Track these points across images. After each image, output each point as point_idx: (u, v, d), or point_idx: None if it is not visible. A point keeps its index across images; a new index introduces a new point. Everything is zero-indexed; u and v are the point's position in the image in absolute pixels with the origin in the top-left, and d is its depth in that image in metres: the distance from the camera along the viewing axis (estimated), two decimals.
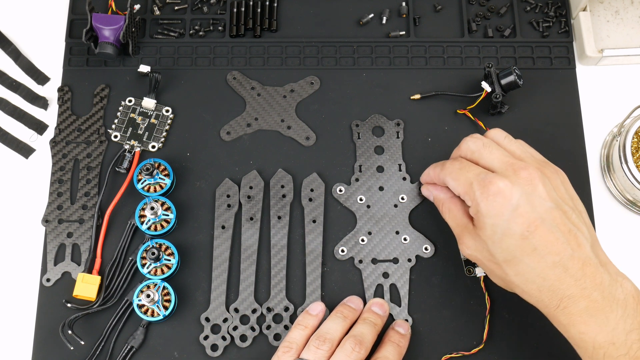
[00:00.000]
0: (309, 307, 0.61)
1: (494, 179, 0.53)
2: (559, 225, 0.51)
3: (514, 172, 0.53)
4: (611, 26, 0.72)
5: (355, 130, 0.67)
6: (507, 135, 0.58)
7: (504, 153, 0.56)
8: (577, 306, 0.50)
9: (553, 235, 0.51)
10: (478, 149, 0.57)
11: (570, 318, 0.51)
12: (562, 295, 0.51)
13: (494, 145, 0.56)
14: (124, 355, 0.60)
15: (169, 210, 0.63)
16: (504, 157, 0.55)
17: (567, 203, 0.54)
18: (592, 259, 0.51)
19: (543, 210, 0.51)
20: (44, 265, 0.63)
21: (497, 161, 0.55)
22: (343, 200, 0.65)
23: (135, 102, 0.68)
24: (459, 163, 0.57)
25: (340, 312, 0.59)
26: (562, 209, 0.52)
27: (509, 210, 0.51)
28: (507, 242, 0.52)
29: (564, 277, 0.50)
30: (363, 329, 0.58)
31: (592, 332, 0.50)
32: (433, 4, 0.72)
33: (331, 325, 0.58)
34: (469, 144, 0.57)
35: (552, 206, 0.52)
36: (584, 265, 0.50)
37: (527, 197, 0.52)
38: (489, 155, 0.56)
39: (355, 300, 0.61)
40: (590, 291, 0.50)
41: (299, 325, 0.59)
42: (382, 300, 0.61)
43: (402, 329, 0.60)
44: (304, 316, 0.60)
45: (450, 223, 0.59)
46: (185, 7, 0.72)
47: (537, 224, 0.51)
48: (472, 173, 0.55)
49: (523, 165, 0.53)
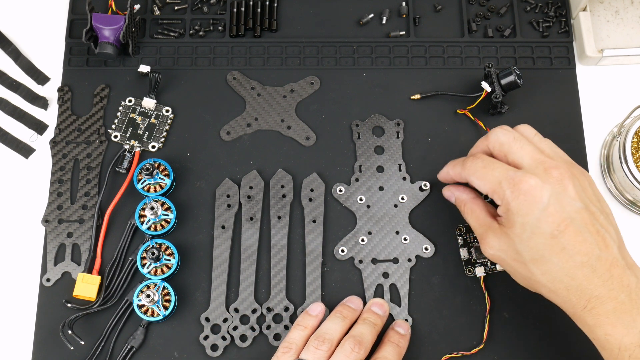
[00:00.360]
0: (309, 308, 0.60)
1: (524, 177, 0.52)
2: (588, 226, 0.51)
3: (545, 171, 0.52)
4: (611, 26, 0.72)
5: (355, 130, 0.67)
6: (536, 132, 0.57)
7: (535, 149, 0.55)
8: (604, 307, 0.50)
9: (582, 236, 0.51)
10: (508, 141, 0.55)
11: (597, 319, 0.50)
12: (589, 295, 0.50)
13: (525, 140, 0.55)
14: (124, 355, 0.60)
15: (169, 210, 0.63)
16: (535, 154, 0.54)
17: (594, 204, 0.53)
18: (620, 260, 0.51)
19: (572, 210, 0.51)
20: (44, 265, 0.63)
21: (527, 157, 0.54)
22: (343, 200, 0.65)
23: (135, 102, 0.68)
24: (481, 161, 0.56)
25: (340, 312, 0.59)
26: (590, 210, 0.52)
27: (539, 208, 0.51)
28: (536, 240, 0.51)
29: (591, 277, 0.50)
30: (362, 329, 0.58)
31: (619, 334, 0.49)
32: (433, 4, 0.72)
33: (330, 326, 0.58)
34: (499, 135, 0.56)
35: (581, 206, 0.51)
36: (612, 267, 0.50)
37: (557, 197, 0.51)
38: (519, 150, 0.55)
39: (354, 300, 0.61)
40: (617, 292, 0.50)
41: (299, 326, 0.59)
42: (382, 301, 0.61)
43: (401, 329, 0.60)
44: (303, 317, 0.60)
45: (472, 223, 0.58)
46: (185, 7, 0.72)
47: (567, 224, 0.51)
48: (498, 171, 0.54)
49: (554, 164, 0.53)
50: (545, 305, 0.62)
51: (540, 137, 0.57)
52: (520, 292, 0.63)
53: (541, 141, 0.57)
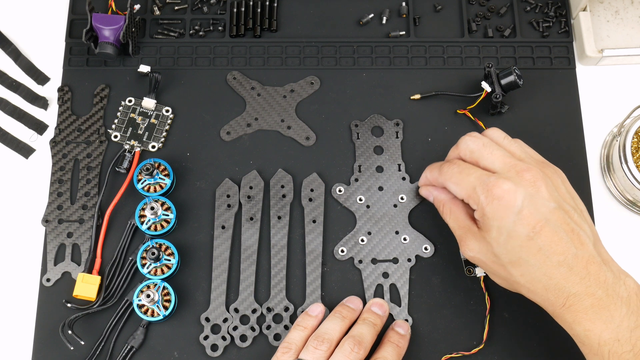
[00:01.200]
0: (309, 308, 0.61)
1: (497, 181, 0.53)
2: (562, 225, 0.51)
3: (517, 174, 0.53)
4: (611, 26, 0.72)
5: (355, 130, 0.67)
6: (506, 135, 0.58)
7: (505, 153, 0.55)
8: (582, 304, 0.50)
9: (557, 235, 0.51)
10: (478, 148, 0.56)
11: (576, 316, 0.51)
12: (567, 293, 0.51)
13: (494, 145, 0.56)
14: (124, 355, 0.60)
15: (169, 210, 0.63)
16: (506, 158, 0.55)
17: (568, 203, 0.54)
18: (595, 257, 0.51)
19: (547, 211, 0.51)
20: (44, 265, 0.63)
21: (498, 162, 0.55)
22: (343, 201, 0.65)
23: (135, 102, 0.68)
24: (457, 166, 0.57)
25: (339, 312, 0.59)
26: (565, 209, 0.53)
27: (514, 212, 0.52)
28: (513, 243, 0.52)
29: (569, 276, 0.51)
30: (362, 329, 0.58)
31: (598, 329, 0.50)
32: (433, 4, 0.72)
33: (330, 326, 0.58)
34: (468, 143, 0.57)
35: (555, 206, 0.52)
36: (588, 264, 0.51)
37: (530, 199, 0.52)
38: (489, 155, 0.55)
39: (354, 300, 0.61)
40: (594, 289, 0.50)
41: (298, 326, 0.59)
42: (382, 301, 0.61)
43: (401, 330, 0.60)
44: (303, 317, 0.60)
45: (451, 225, 0.58)
46: (185, 7, 0.72)
47: (542, 225, 0.51)
48: (473, 176, 0.55)
49: (526, 166, 0.53)
50: None
51: (509, 140, 0.58)
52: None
53: (511, 144, 0.57)
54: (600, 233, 0.65)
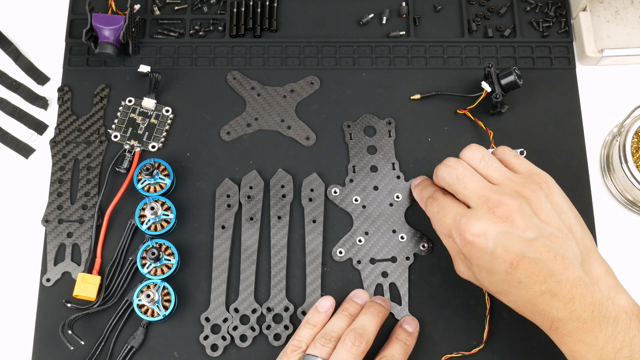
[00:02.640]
0: (318, 304, 0.60)
1: (467, 224, 0.52)
2: (542, 254, 0.51)
3: (489, 210, 0.52)
4: (611, 26, 0.72)
5: (347, 131, 0.67)
6: (483, 155, 0.56)
7: (479, 184, 0.54)
8: (566, 328, 0.51)
9: (537, 267, 0.51)
10: (453, 182, 0.56)
11: (562, 338, 0.52)
12: (552, 317, 0.51)
13: (467, 177, 0.55)
14: (124, 355, 0.60)
15: (169, 210, 0.63)
16: (479, 190, 0.54)
17: (551, 224, 0.52)
18: (582, 278, 0.51)
19: (523, 245, 0.51)
20: (44, 265, 0.63)
21: (472, 196, 0.54)
22: (338, 202, 0.65)
23: (135, 102, 0.68)
24: (437, 205, 0.57)
25: (346, 309, 0.60)
26: (546, 234, 0.51)
27: (487, 254, 0.52)
28: (494, 278, 0.53)
29: (552, 302, 0.51)
30: (365, 320, 0.58)
31: (582, 351, 0.51)
32: (433, 4, 0.72)
33: (337, 323, 0.58)
34: (443, 175, 0.57)
35: (533, 237, 0.51)
36: (573, 287, 0.50)
37: (504, 236, 0.51)
38: (463, 190, 0.55)
39: (361, 294, 0.61)
40: (579, 312, 0.50)
41: (308, 324, 0.59)
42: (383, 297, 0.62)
43: (409, 327, 0.60)
44: (312, 314, 0.60)
45: (447, 247, 0.58)
46: (185, 7, 0.72)
47: (518, 260, 0.51)
48: (449, 217, 0.55)
49: (498, 200, 0.52)
50: None
51: (486, 161, 0.56)
52: None
53: (488, 166, 0.56)
54: (600, 233, 0.65)
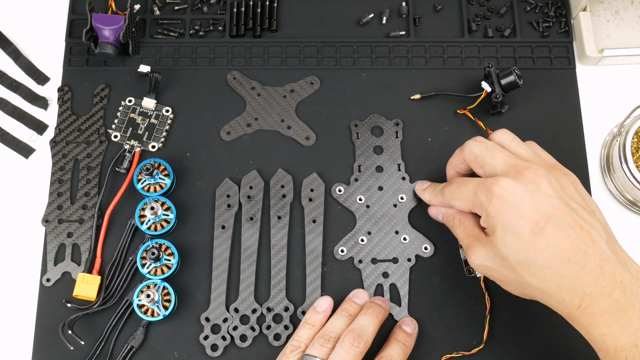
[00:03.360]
0: (317, 304, 0.60)
1: (495, 180, 0.52)
2: (569, 221, 0.50)
3: (517, 172, 0.53)
4: (611, 26, 0.72)
5: (354, 130, 0.67)
6: (514, 137, 0.57)
7: (507, 155, 0.55)
8: (598, 306, 0.49)
9: (564, 232, 0.50)
10: (481, 152, 0.56)
11: (592, 319, 0.49)
12: (582, 293, 0.49)
13: (497, 148, 0.56)
14: (124, 355, 0.60)
15: (169, 210, 0.63)
16: (507, 159, 0.54)
17: (576, 201, 0.52)
18: (610, 256, 0.50)
19: (550, 207, 0.51)
20: (44, 265, 0.63)
21: (500, 164, 0.54)
22: (342, 201, 0.65)
23: (135, 102, 0.68)
24: (455, 184, 0.57)
25: (346, 309, 0.60)
26: (571, 207, 0.51)
27: (514, 207, 0.51)
28: (519, 241, 0.51)
29: (581, 274, 0.49)
30: (363, 320, 0.58)
31: (615, 334, 0.48)
32: (433, 4, 0.72)
33: (336, 324, 0.58)
34: (472, 147, 0.57)
35: (559, 203, 0.51)
36: (602, 263, 0.49)
37: (531, 194, 0.51)
38: (491, 159, 0.55)
39: (361, 294, 0.61)
40: (610, 290, 0.48)
41: (307, 324, 0.59)
42: (383, 298, 0.62)
43: (408, 328, 0.60)
44: (311, 314, 0.60)
45: (460, 235, 0.58)
46: (185, 7, 0.72)
47: (546, 220, 0.50)
48: (472, 184, 0.55)
49: (526, 165, 0.53)
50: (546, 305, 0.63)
51: (517, 142, 0.57)
52: None
53: (518, 146, 0.57)
54: None
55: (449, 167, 0.62)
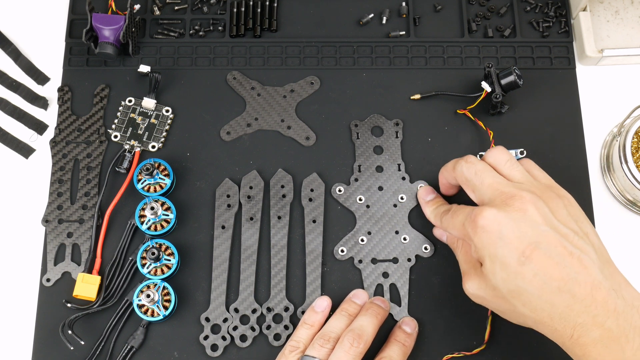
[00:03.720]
0: (315, 304, 0.60)
1: (480, 211, 0.51)
2: (557, 248, 0.49)
3: (503, 201, 0.51)
4: (611, 26, 0.72)
5: (354, 130, 0.67)
6: (509, 158, 0.56)
7: (496, 181, 0.53)
8: (590, 336, 0.47)
9: (552, 260, 0.48)
10: (471, 177, 0.55)
11: (584, 349, 0.48)
12: (574, 323, 0.48)
13: (486, 173, 0.54)
14: (124, 355, 0.60)
15: (169, 210, 0.63)
16: (496, 186, 0.53)
17: (568, 225, 0.51)
18: (602, 282, 0.48)
19: (536, 234, 0.49)
20: (44, 265, 0.63)
21: (488, 191, 0.53)
22: (342, 200, 0.65)
23: (135, 102, 0.68)
24: (450, 213, 0.57)
25: (345, 309, 0.59)
26: (561, 232, 0.50)
27: (498, 237, 0.50)
28: (507, 271, 0.50)
29: (572, 304, 0.48)
30: (363, 321, 0.57)
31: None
32: (433, 4, 0.72)
33: (336, 324, 0.58)
34: (463, 170, 0.56)
35: (547, 229, 0.49)
36: (593, 290, 0.47)
37: (515, 223, 0.50)
38: (480, 185, 0.54)
39: (360, 295, 0.61)
40: (603, 319, 0.47)
41: (305, 324, 0.59)
42: (382, 298, 0.62)
43: (408, 328, 0.60)
44: (309, 314, 0.60)
45: (460, 260, 0.58)
46: (185, 7, 0.72)
47: (532, 248, 0.49)
48: (462, 215, 0.54)
49: (513, 192, 0.51)
50: None
51: (511, 163, 0.56)
52: None
53: (512, 167, 0.55)
54: (600, 233, 0.65)
55: (441, 176, 0.62)
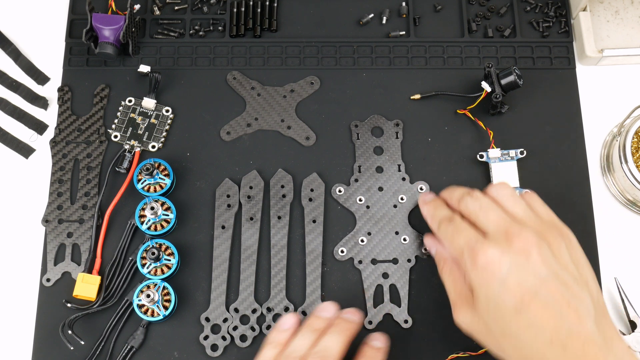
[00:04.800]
0: (280, 321, 0.57)
1: (483, 247, 0.50)
2: (556, 297, 0.48)
3: (507, 240, 0.50)
4: (611, 26, 0.72)
5: (355, 131, 0.67)
6: (512, 194, 0.55)
7: (501, 216, 0.53)
8: None
9: (549, 310, 0.47)
10: (475, 210, 0.54)
11: None
12: None
13: (491, 208, 0.54)
14: (124, 355, 0.60)
15: (169, 210, 0.63)
16: (500, 221, 0.52)
17: (568, 271, 0.50)
18: (595, 336, 0.47)
19: (536, 282, 0.48)
20: (44, 265, 0.63)
21: (492, 225, 0.52)
22: (342, 201, 0.65)
23: (135, 102, 0.68)
24: (452, 226, 0.55)
25: (310, 325, 0.56)
26: (561, 279, 0.49)
27: (498, 282, 0.49)
28: (502, 315, 0.49)
29: (562, 356, 0.46)
30: (329, 340, 0.54)
31: None
32: (433, 4, 0.72)
33: (300, 342, 0.54)
34: (467, 204, 0.55)
35: (548, 276, 0.48)
36: (585, 344, 0.46)
37: (518, 268, 0.49)
38: (485, 219, 0.53)
39: (327, 307, 0.58)
40: None
41: (270, 344, 0.56)
42: (355, 309, 0.58)
43: (378, 343, 0.57)
44: (274, 333, 0.56)
45: (447, 285, 0.56)
46: (185, 7, 0.72)
47: (531, 297, 0.48)
48: (463, 239, 0.52)
49: (517, 231, 0.50)
50: None
51: (514, 200, 0.55)
52: None
53: (515, 203, 0.54)
54: (600, 233, 0.65)
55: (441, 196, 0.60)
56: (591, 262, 0.64)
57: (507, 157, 0.66)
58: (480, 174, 0.66)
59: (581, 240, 0.64)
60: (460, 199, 0.56)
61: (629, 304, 0.62)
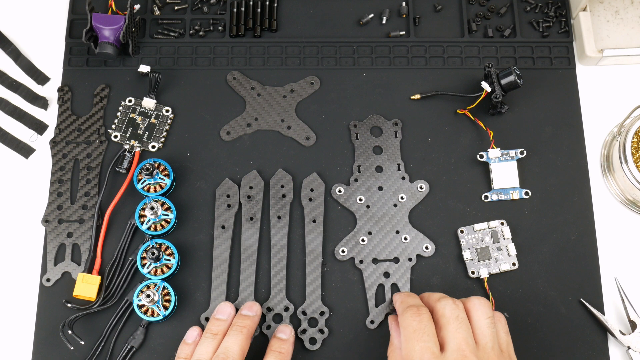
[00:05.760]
0: (186, 335, 0.59)
1: None
2: None
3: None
4: (611, 26, 0.72)
5: (354, 131, 0.67)
6: (489, 316, 0.55)
7: (467, 340, 0.52)
8: None
9: None
10: (450, 318, 0.54)
11: None
12: None
13: (463, 326, 0.53)
14: (124, 355, 0.60)
15: (169, 210, 0.63)
16: (463, 345, 0.52)
17: None
18: None
19: None
20: (44, 265, 0.63)
21: (454, 343, 0.52)
22: (342, 201, 0.65)
23: (135, 102, 0.68)
24: (417, 320, 0.54)
25: (209, 330, 0.58)
26: None
27: None
28: None
29: None
30: (228, 341, 0.56)
31: None
32: (433, 4, 0.72)
33: (202, 349, 0.56)
34: (446, 307, 0.55)
35: None
36: None
37: None
38: (453, 332, 0.53)
39: (224, 309, 0.60)
40: None
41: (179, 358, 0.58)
42: (252, 302, 0.60)
43: (283, 335, 0.59)
44: (182, 346, 0.58)
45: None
46: (185, 7, 0.72)
47: None
48: (420, 346, 0.52)
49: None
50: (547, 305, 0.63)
51: (488, 323, 0.54)
52: (521, 293, 0.63)
53: (488, 327, 0.54)
54: (600, 233, 0.65)
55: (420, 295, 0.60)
56: (591, 262, 0.64)
57: (507, 157, 0.66)
58: (480, 174, 0.66)
59: (581, 240, 0.64)
60: (441, 299, 0.56)
61: (629, 304, 0.62)
